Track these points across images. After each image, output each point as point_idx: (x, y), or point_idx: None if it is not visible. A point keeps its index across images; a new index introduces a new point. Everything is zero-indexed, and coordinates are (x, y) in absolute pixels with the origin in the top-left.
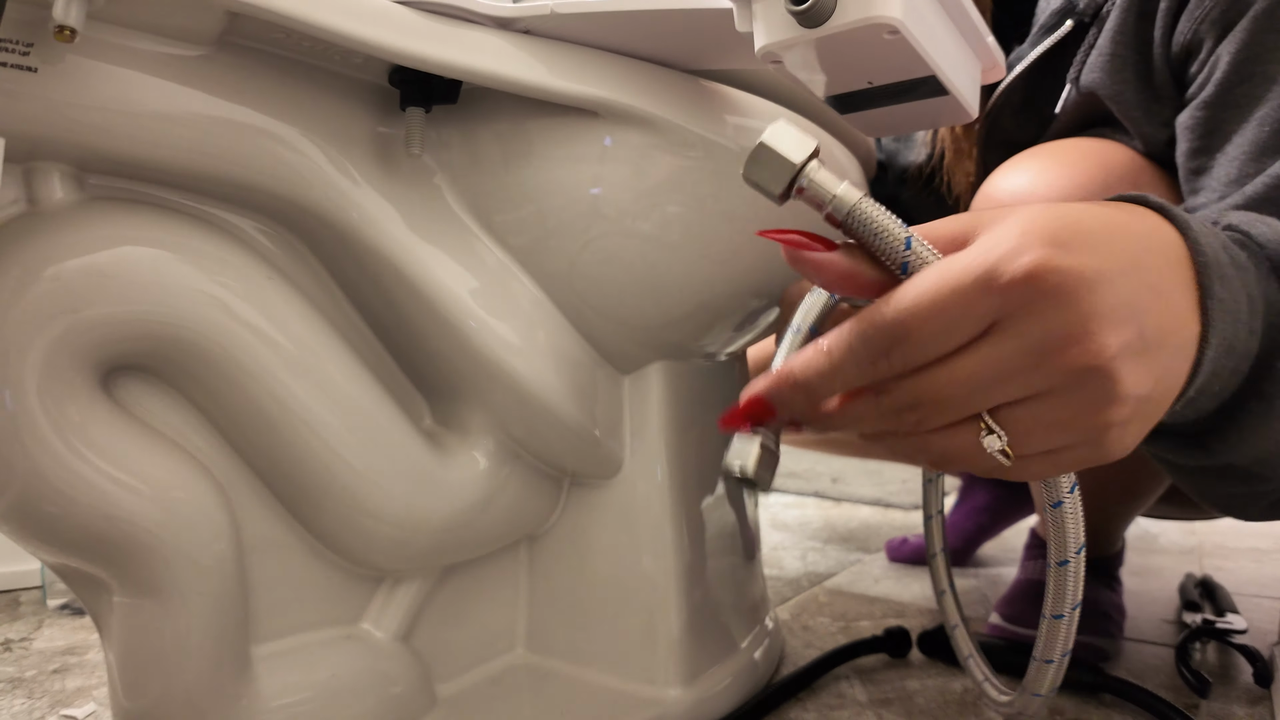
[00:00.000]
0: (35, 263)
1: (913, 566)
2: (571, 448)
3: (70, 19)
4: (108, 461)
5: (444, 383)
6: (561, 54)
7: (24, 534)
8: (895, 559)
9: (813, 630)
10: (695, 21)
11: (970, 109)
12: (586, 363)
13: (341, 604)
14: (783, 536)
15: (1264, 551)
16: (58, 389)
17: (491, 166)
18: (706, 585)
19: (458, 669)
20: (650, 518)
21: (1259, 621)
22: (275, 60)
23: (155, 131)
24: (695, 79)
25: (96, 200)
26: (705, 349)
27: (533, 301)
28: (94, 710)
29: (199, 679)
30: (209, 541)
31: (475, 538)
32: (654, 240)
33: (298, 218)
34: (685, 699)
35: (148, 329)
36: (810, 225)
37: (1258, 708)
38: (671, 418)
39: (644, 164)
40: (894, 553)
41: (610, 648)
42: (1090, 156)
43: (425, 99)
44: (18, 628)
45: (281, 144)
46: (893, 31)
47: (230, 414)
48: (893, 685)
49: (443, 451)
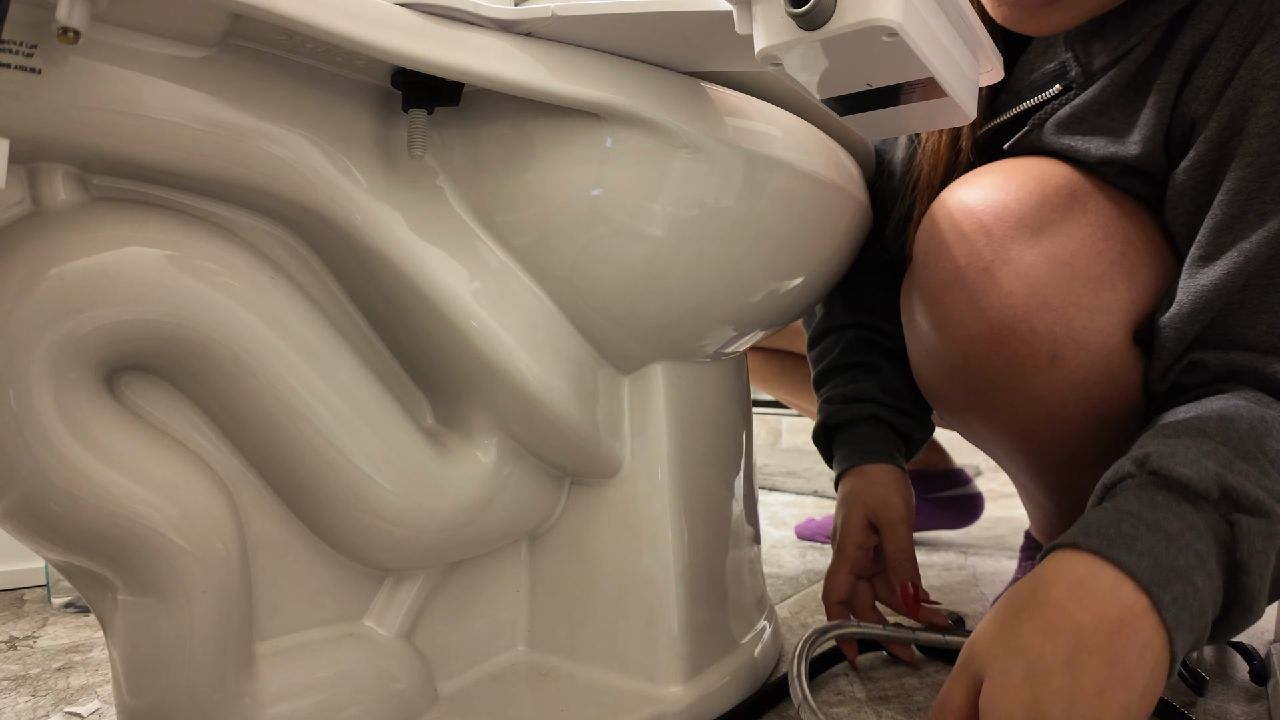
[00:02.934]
0: (39, 263)
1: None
2: (572, 447)
3: (74, 21)
4: (112, 460)
5: (446, 382)
6: (563, 56)
7: (28, 532)
8: (802, 537)
9: (812, 628)
10: (695, 24)
11: (968, 111)
12: (587, 363)
13: (344, 602)
14: (783, 535)
15: None
16: (62, 389)
17: (493, 168)
18: (706, 583)
19: (459, 666)
20: (650, 517)
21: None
22: (278, 62)
23: (158, 133)
24: (695, 81)
25: (100, 201)
26: (706, 349)
27: (534, 302)
28: (98, 708)
29: (203, 676)
30: (212, 540)
31: (476, 536)
32: (654, 241)
33: (300, 219)
34: (685, 696)
35: (151, 329)
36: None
37: (1254, 705)
38: (672, 417)
39: (645, 166)
40: (801, 531)
41: (611, 645)
42: (1030, 172)
43: (427, 101)
44: (22, 625)
45: (284, 146)
46: (891, 34)
47: (233, 413)
48: (891, 682)
49: (444, 450)
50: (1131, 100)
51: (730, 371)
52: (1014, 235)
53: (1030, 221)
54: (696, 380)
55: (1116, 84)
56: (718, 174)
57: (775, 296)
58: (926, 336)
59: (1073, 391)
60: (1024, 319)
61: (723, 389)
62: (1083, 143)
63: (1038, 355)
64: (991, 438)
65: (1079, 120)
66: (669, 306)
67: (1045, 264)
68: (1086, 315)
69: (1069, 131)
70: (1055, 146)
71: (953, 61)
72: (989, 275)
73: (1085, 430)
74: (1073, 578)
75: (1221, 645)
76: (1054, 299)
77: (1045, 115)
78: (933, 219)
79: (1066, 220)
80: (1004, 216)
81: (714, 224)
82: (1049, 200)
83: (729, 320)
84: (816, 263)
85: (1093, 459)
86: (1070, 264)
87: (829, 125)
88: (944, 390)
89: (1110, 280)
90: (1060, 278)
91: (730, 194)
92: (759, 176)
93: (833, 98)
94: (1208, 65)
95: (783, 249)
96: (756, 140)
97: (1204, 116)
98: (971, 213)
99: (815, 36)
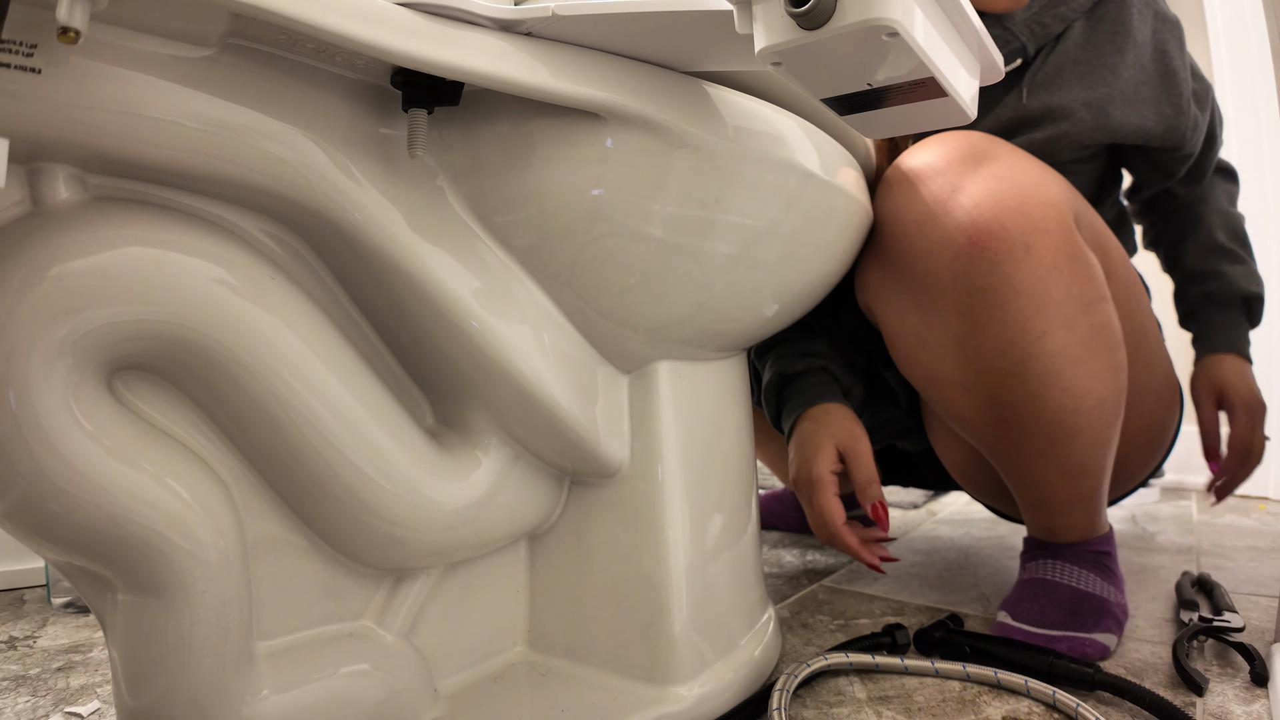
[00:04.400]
0: (39, 263)
1: (908, 565)
2: (572, 447)
3: (74, 21)
4: (112, 460)
5: (446, 382)
6: (563, 56)
7: (28, 533)
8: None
9: (812, 628)
10: (696, 23)
11: (969, 110)
12: (587, 362)
13: (344, 602)
14: (783, 534)
15: (1261, 550)
16: (61, 389)
17: (493, 168)
18: (706, 583)
19: (459, 666)
20: (650, 516)
21: (1256, 620)
22: (278, 62)
23: (158, 133)
24: (696, 81)
25: (100, 201)
26: (706, 349)
27: (534, 302)
28: (98, 708)
29: (203, 676)
30: (213, 540)
31: (476, 536)
32: (654, 241)
33: (300, 219)
34: (685, 697)
35: (151, 329)
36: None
37: (1254, 706)
38: (672, 417)
39: (645, 165)
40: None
41: (610, 645)
42: (954, 135)
43: (427, 101)
44: (22, 625)
45: (284, 145)
46: (892, 33)
47: (233, 413)
48: (891, 683)
49: (445, 450)
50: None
51: (730, 371)
52: (962, 169)
53: (970, 158)
54: (697, 380)
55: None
56: (718, 174)
57: (776, 296)
58: (908, 285)
59: (1049, 275)
60: (995, 219)
61: (723, 388)
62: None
63: (1014, 248)
64: (991, 374)
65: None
66: (669, 306)
67: (995, 179)
68: (1040, 209)
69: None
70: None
71: (953, 61)
72: (954, 200)
73: (1066, 315)
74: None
75: (1222, 645)
76: (1012, 201)
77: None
78: (889, 185)
79: (995, 153)
80: (950, 160)
81: (714, 224)
82: (976, 145)
83: (729, 321)
84: (817, 262)
85: (1080, 355)
86: (1012, 176)
87: (829, 125)
88: (938, 332)
89: (1045, 183)
90: (1011, 186)
91: (731, 194)
92: (759, 176)
93: (833, 97)
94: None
95: (783, 248)
96: (757, 140)
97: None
98: (924, 165)
99: (815, 36)
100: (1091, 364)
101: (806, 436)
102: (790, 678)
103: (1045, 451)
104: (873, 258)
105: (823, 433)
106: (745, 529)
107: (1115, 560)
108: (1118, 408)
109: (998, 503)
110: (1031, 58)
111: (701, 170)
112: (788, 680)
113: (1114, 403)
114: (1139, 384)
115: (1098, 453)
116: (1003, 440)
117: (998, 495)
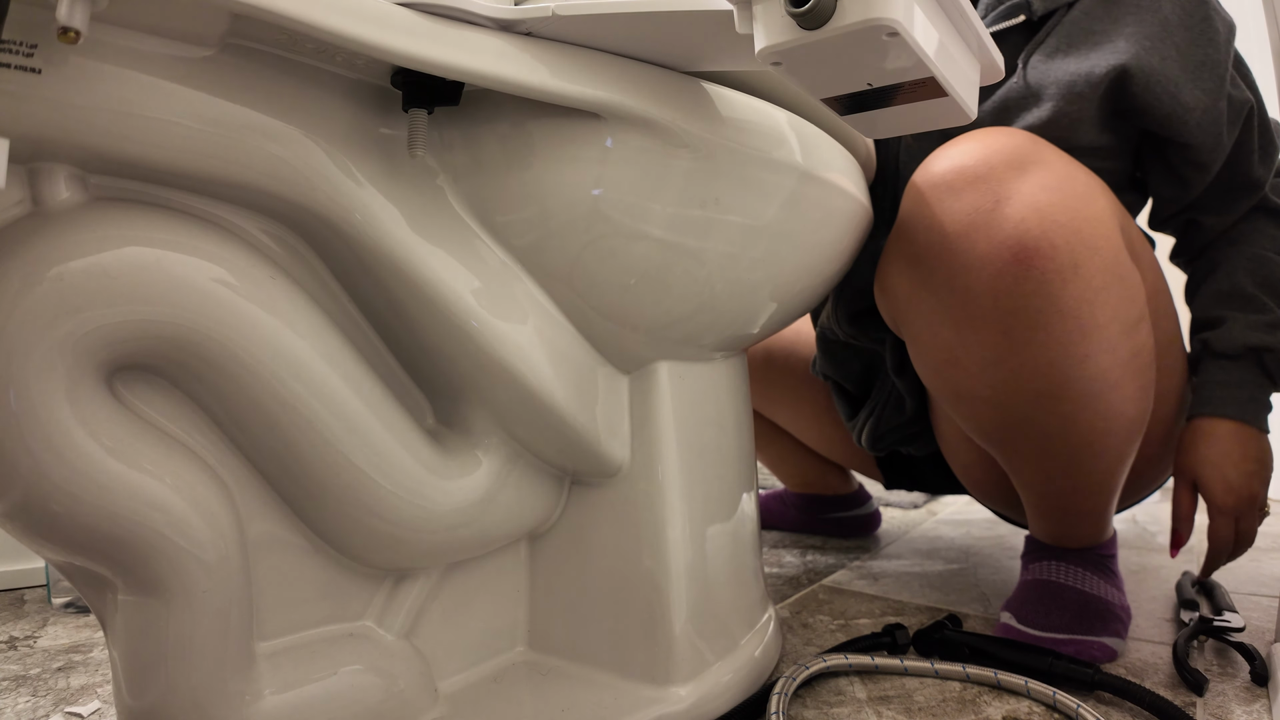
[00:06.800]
0: (39, 263)
1: (908, 565)
2: (572, 447)
3: (74, 21)
4: (112, 461)
5: (446, 382)
6: (563, 56)
7: (28, 533)
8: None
9: (812, 628)
10: (696, 23)
11: (969, 110)
12: (588, 362)
13: (344, 602)
14: (783, 534)
15: (1261, 550)
16: (62, 389)
17: (493, 168)
18: (706, 583)
19: (459, 666)
20: (650, 516)
21: (1256, 620)
22: (278, 62)
23: (159, 133)
24: (696, 81)
25: (100, 201)
26: (706, 349)
27: (534, 302)
28: (98, 708)
29: (203, 677)
30: (213, 540)
31: (477, 536)
32: (654, 241)
33: (301, 219)
34: (685, 697)
35: (151, 329)
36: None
37: (1255, 706)
38: (672, 417)
39: (645, 165)
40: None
41: (611, 645)
42: (989, 135)
43: (428, 101)
44: (22, 625)
45: (284, 145)
46: (892, 33)
47: (234, 413)
48: (891, 683)
49: (445, 450)
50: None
51: (730, 371)
52: (1006, 176)
53: (1014, 163)
54: (697, 380)
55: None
56: (718, 173)
57: (776, 296)
58: (943, 298)
59: (1096, 297)
60: (1043, 237)
61: (723, 388)
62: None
63: (1063, 267)
64: (1025, 394)
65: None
66: (669, 307)
67: (1042, 190)
68: (1090, 225)
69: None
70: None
71: (953, 61)
72: (999, 212)
73: (1110, 339)
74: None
75: (1222, 645)
76: (1061, 215)
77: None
78: (920, 190)
79: (1039, 158)
80: (992, 164)
81: (714, 224)
82: (1020, 147)
83: (729, 321)
84: (817, 262)
85: (1119, 378)
86: (1060, 187)
87: (829, 125)
88: (973, 350)
89: (1094, 194)
90: (1060, 199)
91: (731, 194)
92: (759, 176)
93: (833, 97)
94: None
95: (783, 248)
96: (757, 140)
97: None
98: (963, 170)
99: (816, 36)
100: (1128, 387)
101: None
102: (789, 680)
103: (1068, 469)
104: (901, 264)
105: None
106: (745, 529)
107: (1117, 562)
108: (1144, 426)
109: (1006, 509)
110: (1037, 21)
111: (701, 170)
112: (786, 683)
113: (1141, 421)
114: (1159, 391)
115: (1119, 469)
116: (1024, 454)
117: (1007, 502)
